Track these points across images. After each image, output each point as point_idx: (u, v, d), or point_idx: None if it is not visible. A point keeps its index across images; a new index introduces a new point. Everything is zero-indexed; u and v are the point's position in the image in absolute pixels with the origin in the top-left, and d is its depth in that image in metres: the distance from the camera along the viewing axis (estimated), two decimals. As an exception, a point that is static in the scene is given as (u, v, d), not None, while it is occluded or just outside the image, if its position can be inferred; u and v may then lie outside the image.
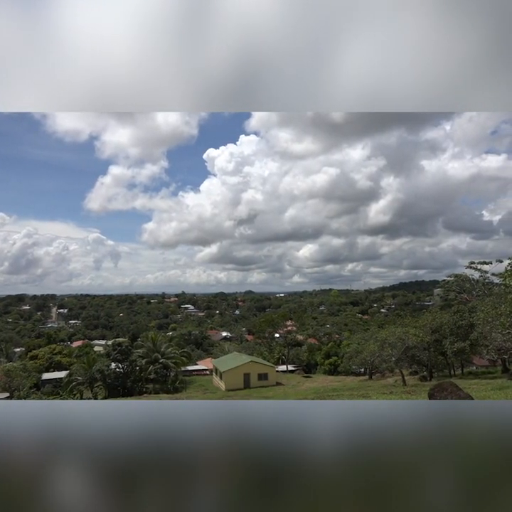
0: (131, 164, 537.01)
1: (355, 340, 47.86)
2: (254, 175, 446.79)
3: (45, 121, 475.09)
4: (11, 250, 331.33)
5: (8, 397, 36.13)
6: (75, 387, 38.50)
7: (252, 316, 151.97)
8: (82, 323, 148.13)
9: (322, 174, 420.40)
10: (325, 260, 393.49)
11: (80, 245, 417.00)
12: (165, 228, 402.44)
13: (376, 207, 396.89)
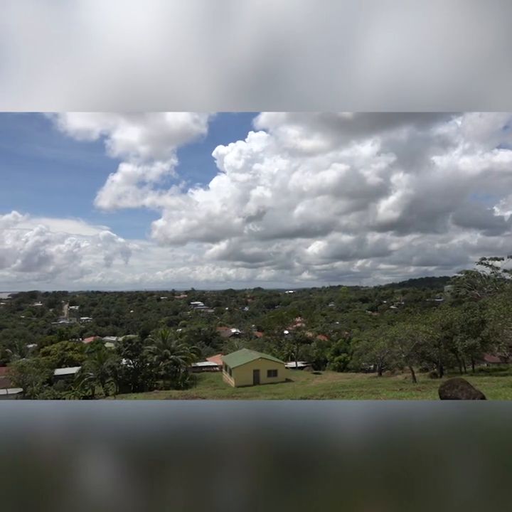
0: (141, 162, 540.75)
1: (365, 337, 47.66)
2: (263, 172, 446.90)
3: (56, 120, 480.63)
4: (24, 248, 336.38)
5: (21, 393, 36.74)
6: (87, 382, 39.00)
7: (261, 312, 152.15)
8: (93, 319, 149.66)
9: (331, 170, 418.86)
10: (334, 257, 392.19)
11: (90, 243, 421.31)
12: (174, 225, 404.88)
13: (386, 203, 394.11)
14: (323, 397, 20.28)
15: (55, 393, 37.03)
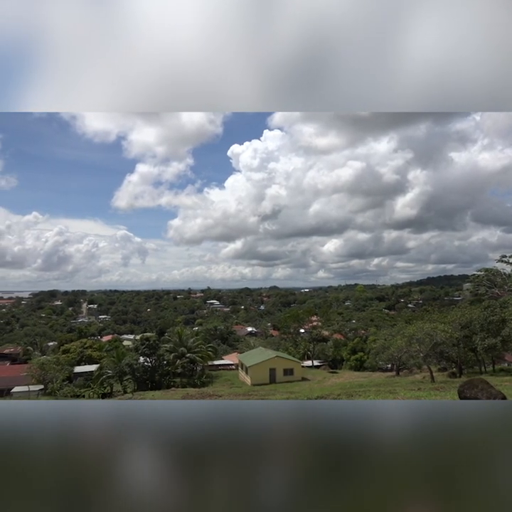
0: (157, 162, 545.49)
1: (382, 336, 47.15)
2: (278, 170, 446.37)
3: (75, 122, 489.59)
4: (44, 248, 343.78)
5: (42, 389, 37.51)
6: (105, 380, 39.58)
7: (277, 311, 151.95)
8: (111, 318, 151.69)
9: (347, 168, 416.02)
10: (350, 255, 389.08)
11: (108, 242, 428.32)
12: (190, 225, 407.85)
13: (403, 200, 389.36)
14: (339, 396, 20.16)
15: (74, 390, 37.70)
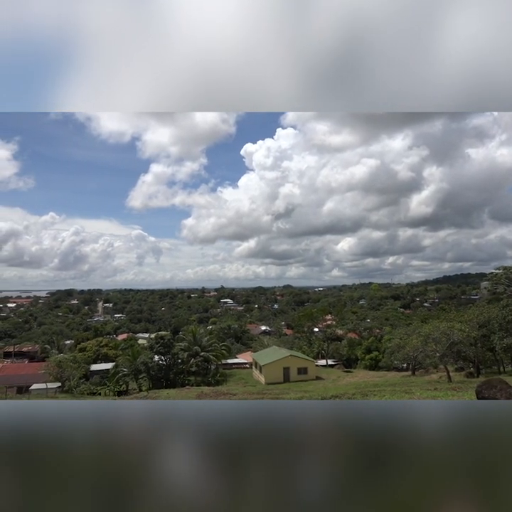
0: (171, 162, 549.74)
1: (397, 335, 46.64)
2: (292, 169, 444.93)
3: (90, 123, 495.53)
4: (60, 248, 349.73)
5: (59, 387, 38.10)
6: (121, 378, 40.05)
7: (291, 310, 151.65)
8: (126, 316, 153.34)
9: (361, 166, 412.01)
10: (364, 253, 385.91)
11: (123, 242, 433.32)
12: (204, 224, 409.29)
13: (418, 198, 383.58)
14: (354, 395, 19.99)
15: (91, 388, 38.24)
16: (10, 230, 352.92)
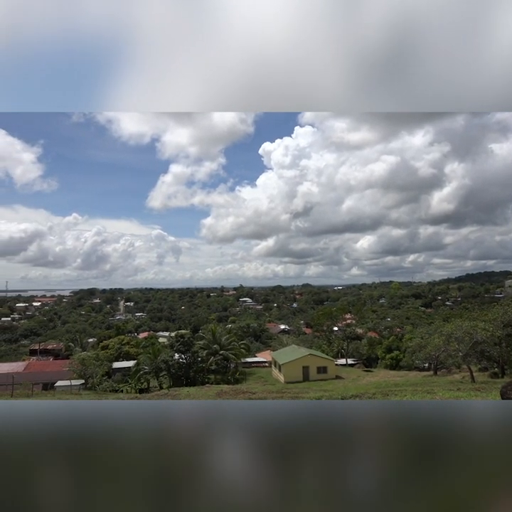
0: (190, 163, 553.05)
1: (419, 334, 45.99)
2: (310, 167, 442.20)
3: (111, 125, 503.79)
4: (83, 248, 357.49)
5: (83, 384, 38.95)
6: (142, 376, 40.66)
7: (310, 309, 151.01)
8: (147, 315, 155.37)
9: (380, 163, 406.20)
10: (384, 252, 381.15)
11: (143, 242, 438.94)
12: (222, 223, 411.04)
13: (439, 195, 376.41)
14: (375, 395, 19.80)
15: (113, 385, 38.93)
16: (35, 231, 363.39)
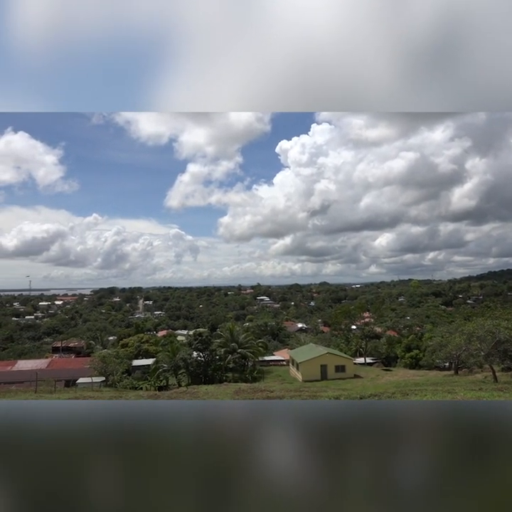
0: (207, 162, 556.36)
1: (439, 333, 45.21)
2: (327, 165, 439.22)
3: (129, 126, 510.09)
4: (103, 247, 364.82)
5: (104, 381, 39.63)
6: (161, 373, 41.12)
7: (328, 307, 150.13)
8: (165, 314, 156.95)
9: (399, 159, 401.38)
10: (403, 249, 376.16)
11: (162, 241, 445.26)
12: (239, 222, 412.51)
13: (460, 191, 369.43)
14: (394, 394, 19.60)
15: (133, 383, 39.50)
16: (57, 231, 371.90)
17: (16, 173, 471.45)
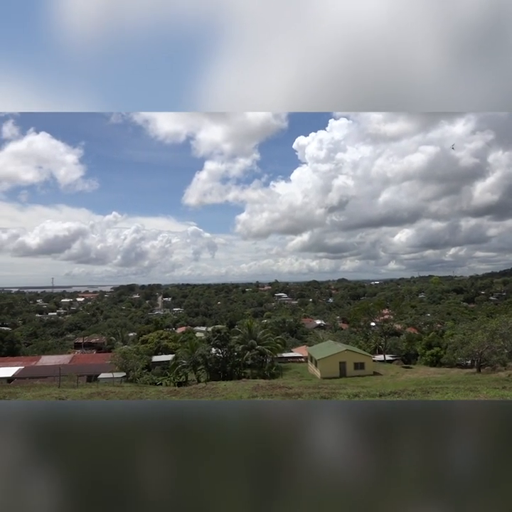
0: (224, 159, 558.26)
1: (460, 331, 44.45)
2: (345, 160, 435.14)
3: (147, 125, 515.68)
4: (123, 245, 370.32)
5: (124, 376, 40.31)
6: (181, 369, 41.59)
7: (346, 304, 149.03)
8: (184, 310, 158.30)
9: (419, 154, 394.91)
10: (423, 245, 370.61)
11: (180, 238, 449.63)
12: (257, 219, 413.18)
13: (482, 185, 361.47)
14: (414, 392, 19.32)
15: (153, 378, 40.06)
16: (78, 230, 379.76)
17: (38, 172, 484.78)
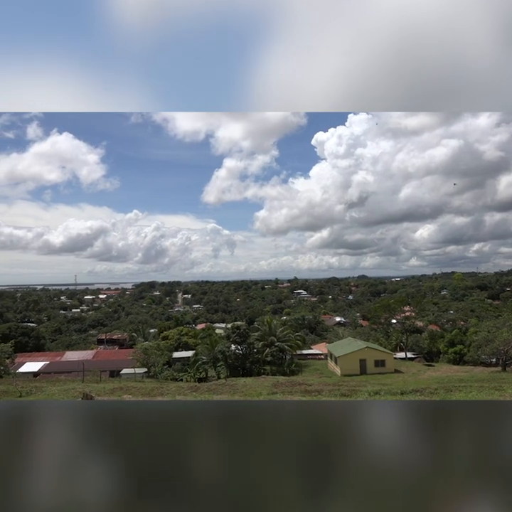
0: (243, 156, 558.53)
1: (485, 328, 43.42)
2: (365, 156, 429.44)
3: (167, 124, 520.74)
4: (143, 243, 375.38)
5: (146, 372, 40.93)
6: (201, 365, 41.98)
7: (366, 301, 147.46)
8: (203, 307, 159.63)
9: (441, 148, 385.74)
10: (446, 241, 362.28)
11: (199, 236, 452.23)
12: (276, 215, 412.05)
13: (508, 179, 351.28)
14: (437, 390, 19.06)
15: (173, 374, 40.55)
16: (100, 228, 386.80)
17: (61, 172, 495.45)
